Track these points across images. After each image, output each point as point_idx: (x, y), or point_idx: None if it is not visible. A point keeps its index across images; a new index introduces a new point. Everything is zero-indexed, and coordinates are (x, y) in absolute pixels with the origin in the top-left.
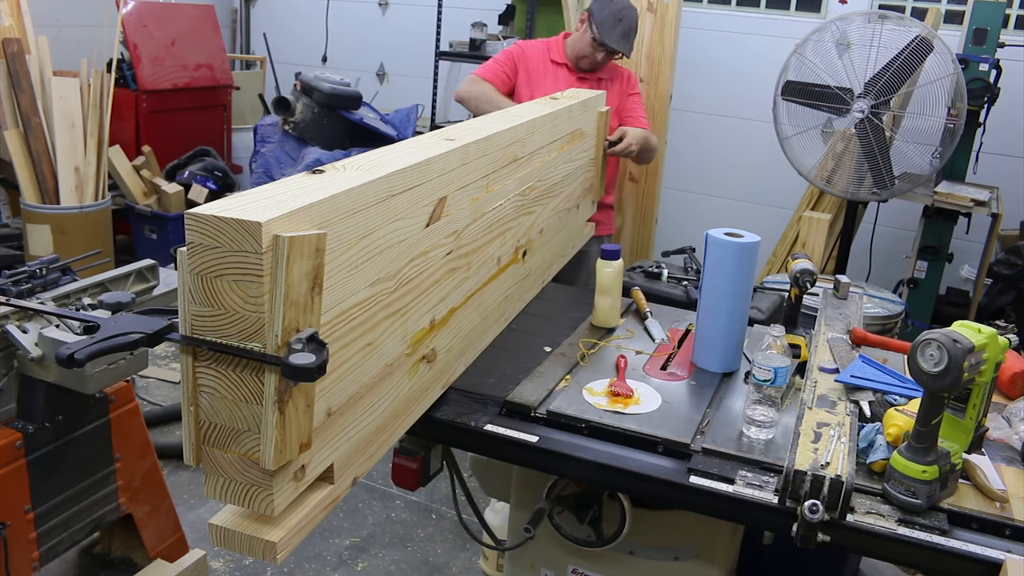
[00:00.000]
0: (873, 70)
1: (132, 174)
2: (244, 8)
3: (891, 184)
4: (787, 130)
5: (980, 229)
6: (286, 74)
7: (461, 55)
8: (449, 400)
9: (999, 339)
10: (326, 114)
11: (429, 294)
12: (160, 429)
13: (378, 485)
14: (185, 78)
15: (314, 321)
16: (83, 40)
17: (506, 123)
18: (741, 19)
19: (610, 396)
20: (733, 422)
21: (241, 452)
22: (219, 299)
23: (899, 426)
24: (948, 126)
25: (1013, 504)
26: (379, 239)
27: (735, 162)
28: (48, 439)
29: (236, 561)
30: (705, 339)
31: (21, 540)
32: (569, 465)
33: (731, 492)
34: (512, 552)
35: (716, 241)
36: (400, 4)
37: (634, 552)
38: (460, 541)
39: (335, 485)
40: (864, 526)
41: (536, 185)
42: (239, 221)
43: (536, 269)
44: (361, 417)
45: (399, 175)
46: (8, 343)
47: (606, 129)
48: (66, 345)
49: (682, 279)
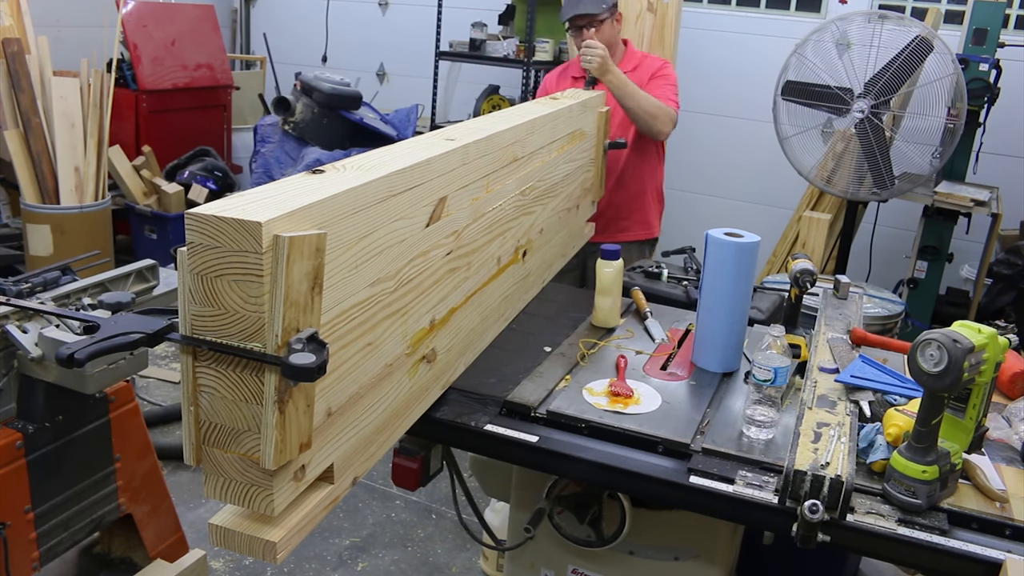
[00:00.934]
0: (873, 70)
1: (132, 174)
2: (244, 8)
3: (891, 184)
4: (787, 130)
5: (980, 229)
6: (286, 74)
7: (461, 55)
8: (449, 400)
9: (999, 339)
10: (326, 114)
11: (429, 294)
12: (160, 429)
13: (378, 485)
14: (185, 78)
15: (314, 321)
16: (83, 40)
17: (506, 123)
18: (741, 19)
19: (610, 396)
20: (733, 422)
21: (241, 452)
22: (219, 299)
23: (899, 426)
24: (948, 126)
25: (1013, 504)
26: (379, 239)
27: (735, 162)
28: (48, 439)
29: (236, 561)
30: (705, 339)
31: (21, 540)
32: (569, 465)
33: (731, 492)
34: (512, 552)
35: (716, 241)
36: (400, 4)
37: (634, 552)
38: (460, 541)
39: (335, 485)
40: (864, 526)
41: (536, 185)
42: (239, 221)
43: (536, 269)
44: (361, 417)
45: (399, 175)
46: (8, 343)
47: (606, 129)
48: (66, 345)
49: (682, 279)
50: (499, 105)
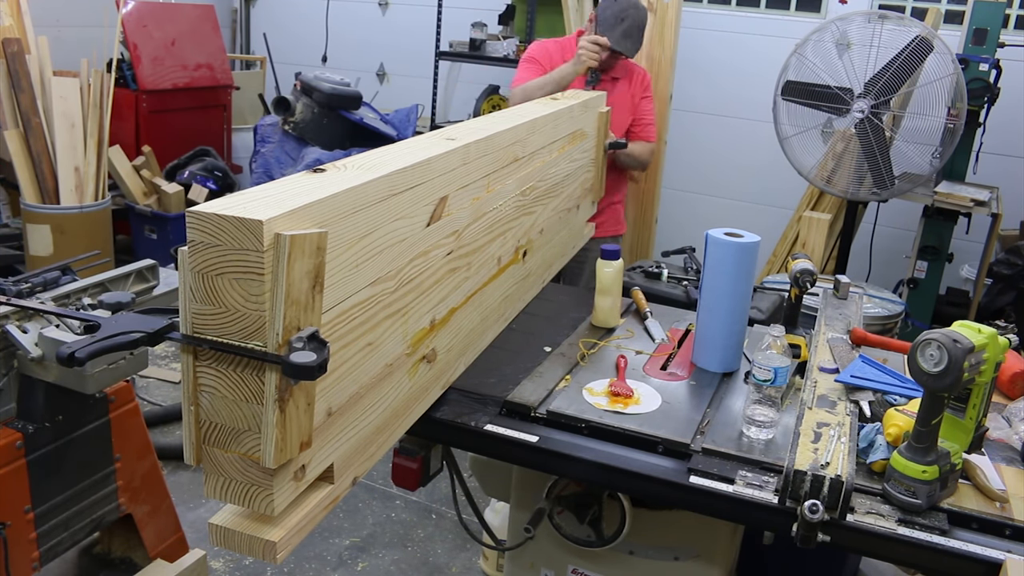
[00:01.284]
0: (873, 70)
1: (132, 174)
2: (244, 8)
3: (891, 184)
4: (787, 130)
5: (980, 229)
6: (286, 74)
7: (461, 55)
8: (449, 400)
9: (999, 339)
10: (326, 114)
11: (429, 294)
12: (160, 429)
13: (378, 485)
14: (185, 78)
15: (315, 320)
16: (83, 40)
17: (507, 123)
18: (741, 19)
19: (610, 396)
20: (733, 422)
21: (241, 452)
22: (220, 297)
23: (899, 426)
24: (948, 126)
25: (1013, 504)
26: (380, 238)
27: (735, 162)
28: (48, 439)
29: (236, 561)
30: (705, 339)
31: (21, 540)
32: (569, 465)
33: (731, 492)
34: (512, 552)
35: (716, 241)
36: (400, 4)
37: (634, 552)
38: (460, 541)
39: (335, 485)
40: (864, 526)
41: (537, 185)
42: (240, 219)
43: (536, 269)
44: (361, 417)
45: (400, 174)
46: (8, 343)
47: (606, 129)
48: (67, 344)
49: (682, 279)
50: (499, 105)
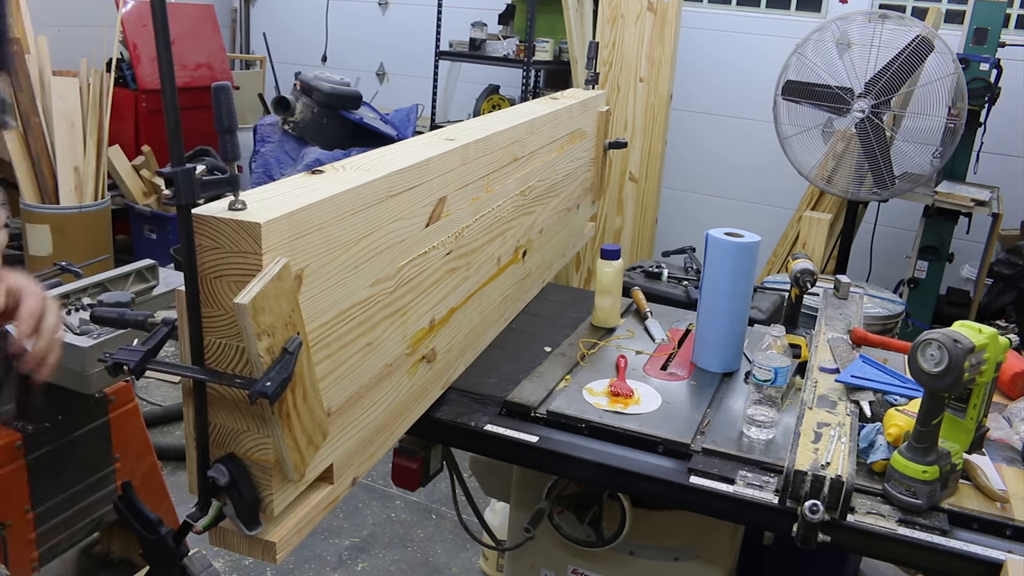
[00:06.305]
0: (873, 70)
1: (132, 174)
2: (244, 8)
3: (891, 184)
4: (787, 130)
5: (980, 229)
6: (286, 74)
7: (461, 55)
8: (449, 400)
9: (999, 339)
10: (326, 114)
11: (429, 294)
12: (160, 429)
13: (378, 485)
14: (185, 78)
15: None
16: (83, 40)
17: (506, 123)
18: (741, 19)
19: (610, 396)
20: (733, 422)
21: (242, 452)
22: (220, 300)
23: (899, 426)
24: (948, 126)
25: (1014, 504)
26: (379, 239)
27: (735, 162)
28: (48, 439)
29: (236, 561)
30: (705, 339)
31: (21, 540)
32: (569, 465)
33: (731, 492)
34: (512, 552)
35: (716, 241)
36: (400, 4)
37: (634, 552)
38: (460, 541)
39: (335, 485)
40: (864, 526)
41: (536, 185)
42: (239, 222)
43: (536, 269)
44: (361, 417)
45: (399, 175)
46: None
47: (606, 129)
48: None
49: (682, 279)
50: (499, 105)
